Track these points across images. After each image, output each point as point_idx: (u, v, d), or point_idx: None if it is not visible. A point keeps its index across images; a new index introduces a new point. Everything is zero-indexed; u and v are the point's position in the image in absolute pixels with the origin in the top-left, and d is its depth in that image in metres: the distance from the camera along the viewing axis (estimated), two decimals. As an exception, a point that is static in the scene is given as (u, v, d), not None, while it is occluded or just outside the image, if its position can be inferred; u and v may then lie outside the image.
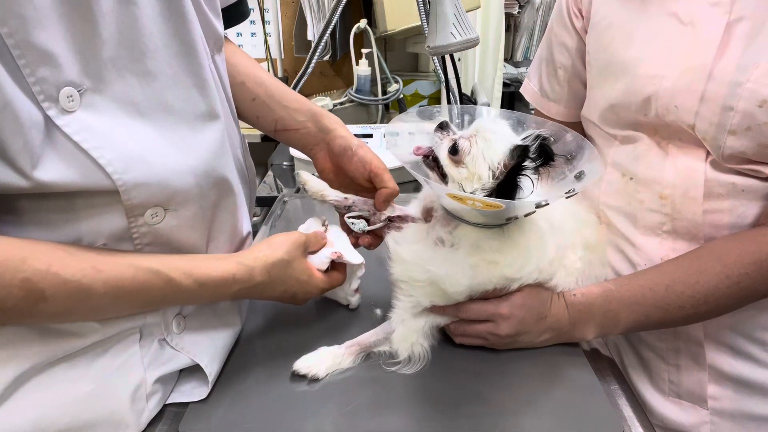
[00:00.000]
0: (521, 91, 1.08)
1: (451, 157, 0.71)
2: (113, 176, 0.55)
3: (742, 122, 0.70)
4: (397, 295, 0.77)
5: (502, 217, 0.70)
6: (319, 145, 0.85)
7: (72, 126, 0.53)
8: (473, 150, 0.69)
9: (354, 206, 0.82)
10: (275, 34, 2.64)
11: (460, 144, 0.70)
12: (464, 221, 0.72)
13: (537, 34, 2.79)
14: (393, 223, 0.80)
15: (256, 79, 0.86)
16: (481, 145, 0.69)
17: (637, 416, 0.68)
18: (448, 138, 0.72)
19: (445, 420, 0.66)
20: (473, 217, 0.71)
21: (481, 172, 0.68)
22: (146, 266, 0.59)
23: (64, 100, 0.52)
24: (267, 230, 1.15)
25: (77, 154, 0.53)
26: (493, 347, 0.76)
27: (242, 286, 0.67)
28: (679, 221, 0.78)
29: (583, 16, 0.90)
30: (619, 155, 0.85)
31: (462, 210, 0.71)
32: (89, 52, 0.54)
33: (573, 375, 0.73)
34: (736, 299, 0.73)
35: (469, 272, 0.71)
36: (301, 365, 0.71)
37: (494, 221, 0.72)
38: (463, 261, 0.71)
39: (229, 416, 0.66)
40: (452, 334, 0.77)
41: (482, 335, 0.75)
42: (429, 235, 0.75)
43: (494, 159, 0.68)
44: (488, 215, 0.70)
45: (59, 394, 0.58)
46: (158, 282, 0.60)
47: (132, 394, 0.62)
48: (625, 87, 0.81)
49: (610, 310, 0.76)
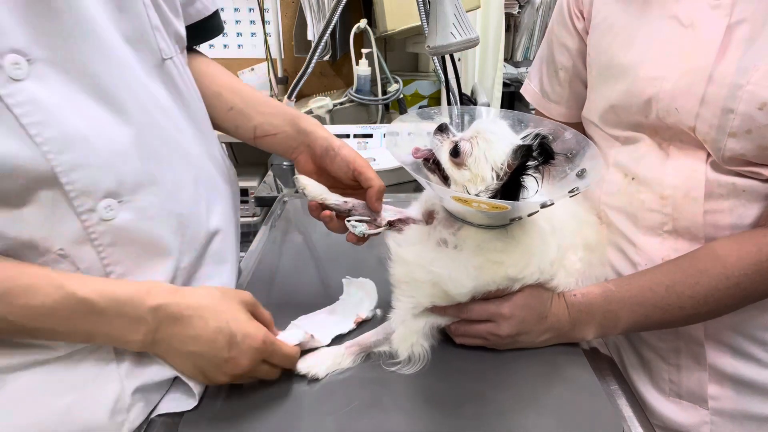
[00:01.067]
0: (522, 91, 1.08)
1: (452, 159, 0.71)
2: (48, 156, 0.53)
3: (743, 125, 0.70)
4: (397, 296, 0.77)
5: (506, 218, 0.70)
6: (299, 147, 0.85)
7: (16, 97, 0.52)
8: (475, 151, 0.69)
9: (354, 210, 0.82)
10: (275, 34, 2.64)
11: (462, 146, 0.70)
12: (467, 223, 0.72)
13: (537, 34, 2.78)
14: (394, 226, 0.80)
15: (231, 89, 0.86)
16: (482, 147, 0.69)
17: (636, 416, 0.69)
18: (449, 140, 0.72)
19: (444, 420, 0.66)
20: (477, 219, 0.71)
21: (485, 174, 0.68)
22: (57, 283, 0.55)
23: (9, 67, 0.52)
24: (267, 230, 1.15)
25: (16, 128, 0.52)
26: (493, 347, 0.76)
27: (162, 301, 0.60)
28: (679, 221, 0.78)
29: (584, 17, 0.90)
30: (620, 156, 0.85)
31: (465, 212, 0.71)
32: (39, 21, 0.53)
33: (573, 375, 0.73)
34: (736, 300, 0.74)
35: (473, 273, 0.71)
36: (302, 365, 0.71)
37: (498, 222, 0.72)
38: (468, 262, 0.71)
39: (228, 416, 0.66)
40: (453, 334, 0.77)
41: (483, 335, 0.75)
42: (431, 236, 0.75)
43: (497, 160, 0.68)
44: (492, 216, 0.70)
45: (35, 409, 0.57)
46: (54, 293, 0.55)
47: (111, 406, 0.60)
48: (625, 89, 0.81)
49: (611, 311, 0.76)
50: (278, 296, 0.90)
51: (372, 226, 0.80)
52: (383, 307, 0.84)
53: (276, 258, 1.03)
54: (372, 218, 0.81)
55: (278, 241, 1.10)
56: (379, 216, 0.80)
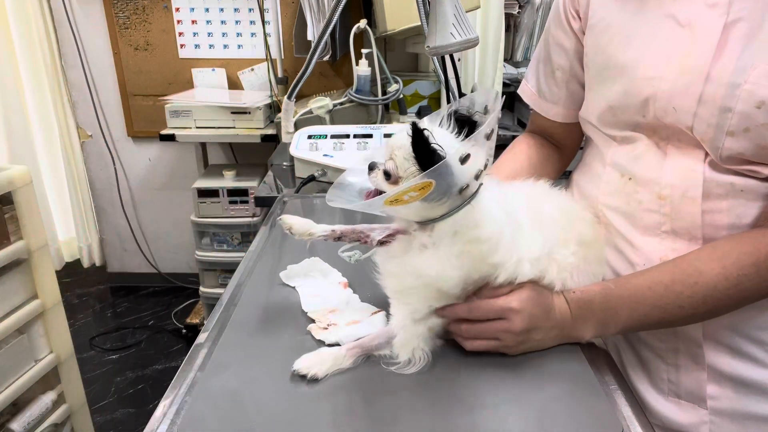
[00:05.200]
0: (519, 92, 1.08)
1: (389, 182, 0.73)
2: None
3: (741, 123, 0.70)
4: (394, 305, 0.77)
5: (454, 192, 0.70)
6: None
7: None
8: (397, 161, 0.72)
9: (344, 236, 0.83)
10: (275, 34, 2.65)
11: (388, 166, 0.73)
12: (433, 220, 0.73)
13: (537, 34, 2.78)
14: (385, 244, 0.80)
15: None
16: (399, 154, 0.71)
17: (636, 416, 0.69)
18: (380, 170, 0.75)
19: (443, 419, 0.66)
20: (434, 211, 0.72)
21: (412, 170, 0.71)
22: None
23: None
24: (267, 230, 1.15)
25: None
26: (505, 351, 0.75)
27: None
28: (677, 221, 0.78)
29: (581, 17, 0.90)
30: (617, 155, 0.86)
31: (419, 210, 0.72)
32: None
33: (572, 375, 0.74)
34: (735, 300, 0.74)
35: (456, 262, 0.71)
36: (302, 365, 0.72)
37: (455, 202, 0.71)
38: (449, 252, 0.72)
39: (228, 416, 0.66)
40: (463, 338, 0.76)
41: (495, 334, 0.74)
42: (413, 245, 0.76)
43: (411, 152, 0.70)
44: (439, 199, 0.69)
45: None
46: None
47: None
48: (623, 89, 0.81)
49: (610, 308, 0.76)
50: (278, 296, 0.91)
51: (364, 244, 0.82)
52: (384, 308, 0.84)
53: (276, 258, 1.03)
54: (362, 239, 0.82)
55: (278, 241, 1.10)
56: (369, 237, 0.82)
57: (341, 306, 0.86)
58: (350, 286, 0.92)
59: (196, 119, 2.56)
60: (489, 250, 0.72)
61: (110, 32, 2.80)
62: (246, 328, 0.82)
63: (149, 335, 2.86)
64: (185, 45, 2.81)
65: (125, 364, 2.64)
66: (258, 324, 0.83)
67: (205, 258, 2.61)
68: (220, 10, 2.76)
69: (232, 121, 2.56)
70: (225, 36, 2.81)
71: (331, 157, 1.47)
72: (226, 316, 0.85)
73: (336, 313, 0.83)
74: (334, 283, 0.93)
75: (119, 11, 2.76)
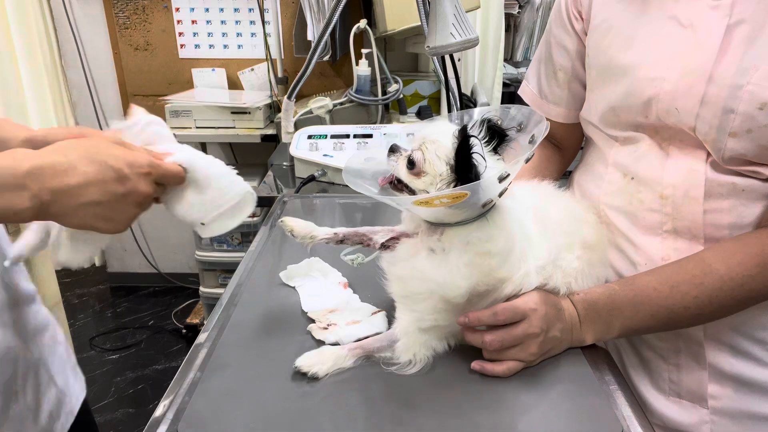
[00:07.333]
0: (519, 93, 1.08)
1: (410, 171, 0.72)
2: None
3: (743, 124, 0.70)
4: (400, 309, 0.77)
5: (478, 205, 0.69)
6: None
7: None
8: (427, 155, 0.71)
9: (346, 239, 0.82)
10: (275, 34, 2.65)
11: (414, 156, 0.72)
12: (446, 225, 0.72)
13: (537, 34, 2.78)
14: (388, 247, 0.80)
15: None
16: (431, 148, 0.71)
17: (636, 415, 0.69)
18: (403, 157, 0.74)
19: (443, 419, 0.66)
20: (451, 217, 0.71)
21: (441, 170, 0.70)
22: None
23: None
24: (267, 230, 1.15)
25: None
26: (529, 360, 0.73)
27: (34, 162, 0.57)
28: (679, 221, 0.78)
29: (583, 18, 0.90)
30: (619, 156, 0.86)
31: (438, 214, 0.71)
32: None
33: (572, 375, 0.74)
34: (740, 301, 0.74)
35: (465, 272, 0.71)
36: (303, 363, 0.71)
37: (473, 213, 0.71)
38: (458, 261, 0.71)
39: (227, 415, 0.66)
40: (488, 348, 0.73)
41: (519, 339, 0.72)
42: (420, 248, 0.75)
43: (447, 153, 0.69)
44: (462, 208, 0.69)
45: None
46: None
47: None
48: (625, 90, 0.81)
49: (616, 308, 0.76)
50: (278, 296, 0.91)
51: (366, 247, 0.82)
52: (385, 308, 0.84)
53: (276, 258, 1.03)
54: (365, 242, 0.82)
55: (278, 241, 1.10)
56: (371, 240, 0.81)
57: (341, 306, 0.86)
58: (350, 286, 0.92)
59: (196, 119, 2.56)
60: (498, 265, 0.71)
61: (110, 32, 2.80)
62: (246, 328, 0.82)
63: (149, 335, 2.86)
64: (185, 45, 2.81)
65: (125, 364, 2.64)
66: (258, 324, 0.83)
67: (205, 258, 2.61)
68: (220, 10, 2.76)
69: (232, 121, 2.56)
70: (225, 36, 2.81)
71: (331, 157, 1.47)
72: (226, 316, 0.85)
73: (336, 313, 0.83)
74: (334, 283, 0.93)
75: (119, 11, 2.76)
